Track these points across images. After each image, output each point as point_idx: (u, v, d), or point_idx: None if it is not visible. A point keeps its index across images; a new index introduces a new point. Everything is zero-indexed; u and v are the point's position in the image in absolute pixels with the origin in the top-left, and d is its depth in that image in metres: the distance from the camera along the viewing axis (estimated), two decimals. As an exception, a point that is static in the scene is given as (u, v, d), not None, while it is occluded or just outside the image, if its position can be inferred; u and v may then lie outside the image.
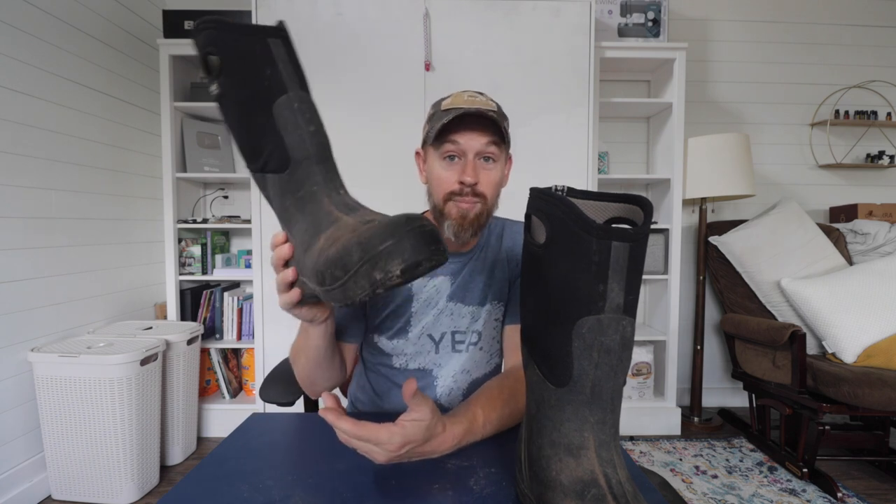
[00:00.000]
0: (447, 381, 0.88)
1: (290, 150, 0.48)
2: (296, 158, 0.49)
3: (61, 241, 1.71)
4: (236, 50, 0.46)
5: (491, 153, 0.79)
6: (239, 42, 0.46)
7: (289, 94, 0.48)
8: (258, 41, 0.46)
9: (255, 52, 0.46)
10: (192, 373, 1.93)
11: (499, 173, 0.82)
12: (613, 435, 0.47)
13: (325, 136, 0.51)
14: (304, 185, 0.49)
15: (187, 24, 2.11)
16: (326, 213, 0.48)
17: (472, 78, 1.96)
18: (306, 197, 0.49)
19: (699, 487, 1.73)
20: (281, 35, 0.48)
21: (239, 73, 0.47)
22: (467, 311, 0.88)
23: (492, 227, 0.93)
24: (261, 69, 0.46)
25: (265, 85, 0.47)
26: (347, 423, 0.54)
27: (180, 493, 0.55)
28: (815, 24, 2.52)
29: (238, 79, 0.47)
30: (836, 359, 1.83)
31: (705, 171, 2.17)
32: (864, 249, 2.16)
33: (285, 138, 0.48)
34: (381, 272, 0.42)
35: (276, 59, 0.47)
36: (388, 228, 0.42)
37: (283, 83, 0.47)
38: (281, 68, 0.47)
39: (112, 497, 1.58)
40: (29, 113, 1.59)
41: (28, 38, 1.58)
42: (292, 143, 0.48)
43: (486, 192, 0.80)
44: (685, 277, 2.53)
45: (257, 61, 0.46)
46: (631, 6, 2.21)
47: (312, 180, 0.49)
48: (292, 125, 0.48)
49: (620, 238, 0.41)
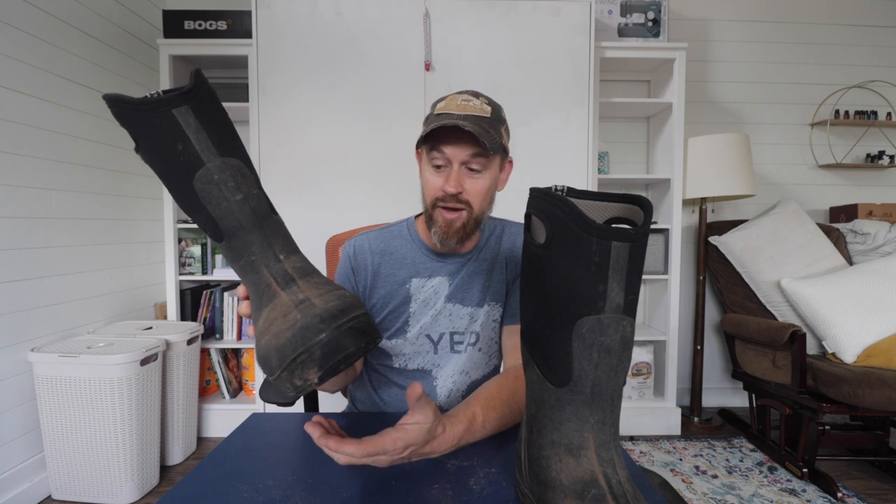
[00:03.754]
0: (446, 383, 0.89)
1: (219, 222, 0.46)
2: (227, 230, 0.46)
3: (61, 241, 1.71)
4: (141, 127, 0.43)
5: (476, 163, 0.79)
6: (141, 119, 0.43)
7: (206, 166, 0.44)
8: (161, 115, 0.42)
9: (161, 127, 0.43)
10: (192, 373, 1.93)
11: (486, 182, 0.81)
12: (613, 435, 0.47)
13: (258, 199, 0.48)
14: (242, 255, 0.48)
15: (187, 25, 2.11)
16: (266, 286, 0.47)
17: (472, 78, 1.96)
18: (246, 266, 0.48)
19: (699, 487, 1.73)
20: (189, 99, 0.43)
21: (150, 150, 0.44)
22: (465, 311, 0.88)
23: (490, 229, 0.93)
24: (171, 145, 0.43)
25: (179, 160, 0.44)
26: (351, 445, 0.53)
27: (180, 493, 0.55)
28: (815, 24, 2.52)
29: (153, 155, 0.45)
30: (836, 359, 1.83)
31: (705, 171, 2.17)
32: (864, 249, 2.16)
33: (211, 212, 0.46)
34: (300, 379, 0.43)
35: (184, 131, 0.43)
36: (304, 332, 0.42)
37: (198, 155, 0.44)
38: (192, 139, 0.43)
39: (112, 497, 1.58)
40: (29, 113, 1.59)
41: (28, 38, 1.58)
42: (219, 216, 0.46)
43: (471, 200, 0.80)
44: (685, 277, 2.53)
45: (165, 137, 0.43)
46: (631, 6, 2.21)
47: (249, 250, 0.47)
48: (216, 198, 0.45)
49: (620, 238, 0.41)
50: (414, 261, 0.89)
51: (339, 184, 1.93)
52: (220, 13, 2.12)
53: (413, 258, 0.89)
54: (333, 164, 1.95)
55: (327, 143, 1.94)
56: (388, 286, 0.88)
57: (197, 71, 0.44)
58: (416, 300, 0.88)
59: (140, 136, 0.44)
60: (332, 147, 1.94)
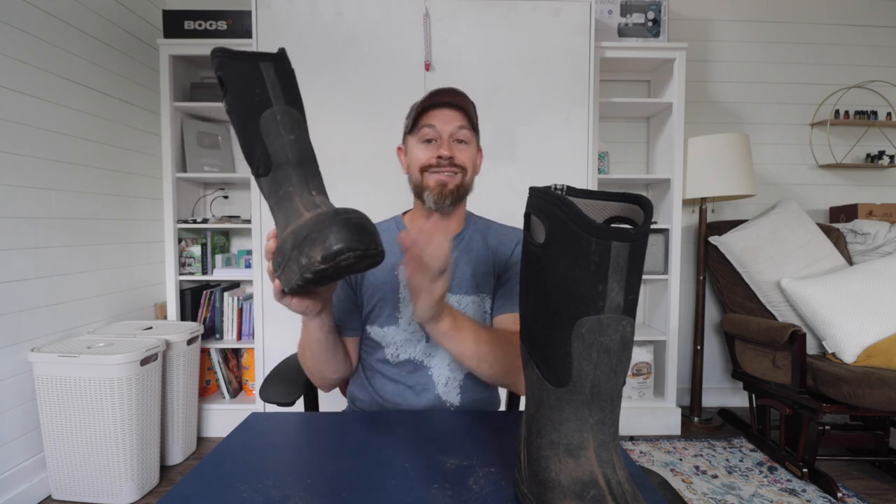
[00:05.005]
0: (443, 371, 0.90)
1: (271, 156, 0.56)
2: (276, 163, 0.57)
3: (61, 241, 1.71)
4: (235, 72, 0.56)
5: (463, 136, 0.89)
6: (236, 66, 0.56)
7: (273, 107, 0.56)
8: (251, 65, 0.56)
9: (248, 74, 0.56)
10: (192, 373, 1.93)
11: (472, 152, 0.92)
12: (613, 435, 0.47)
13: (305, 143, 0.59)
14: (282, 186, 0.57)
15: (187, 25, 2.11)
16: (295, 210, 0.55)
17: (472, 78, 1.96)
18: (283, 196, 0.56)
19: (699, 487, 1.73)
20: (274, 59, 0.57)
21: (236, 90, 0.57)
22: (454, 298, 0.90)
23: (475, 223, 0.99)
24: (251, 87, 0.56)
25: (254, 101, 0.56)
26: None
27: (180, 493, 0.55)
28: (815, 24, 2.52)
29: (236, 95, 0.57)
30: (836, 359, 1.83)
31: (705, 171, 2.17)
32: (864, 249, 2.16)
33: (268, 145, 0.56)
34: (306, 258, 0.49)
35: (264, 80, 0.56)
36: (318, 219, 0.50)
37: (270, 99, 0.56)
38: (269, 87, 0.56)
39: (112, 497, 1.58)
40: (29, 113, 1.59)
41: (28, 38, 1.58)
42: (273, 150, 0.56)
43: (464, 164, 0.90)
44: (685, 277, 2.53)
45: (249, 81, 0.56)
46: (631, 6, 2.21)
47: (289, 182, 0.57)
48: (274, 134, 0.56)
49: (620, 238, 0.41)
50: (401, 250, 0.93)
51: (339, 183, 1.93)
52: (220, 13, 2.12)
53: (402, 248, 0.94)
54: (333, 163, 1.94)
55: (327, 142, 1.94)
56: (377, 274, 0.91)
57: (283, 49, 0.59)
58: (405, 286, 0.91)
59: (230, 79, 0.56)
60: (331, 147, 1.94)
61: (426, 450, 0.66)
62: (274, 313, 2.01)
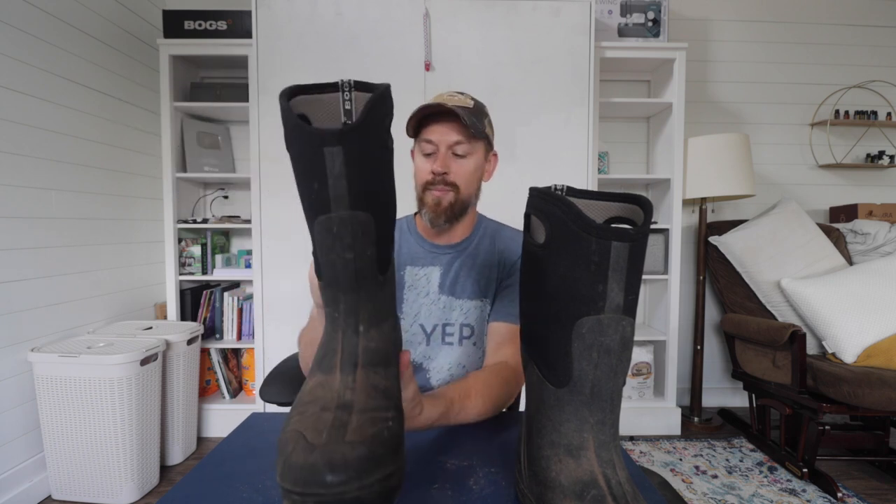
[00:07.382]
0: (442, 375, 0.90)
1: (322, 267, 0.44)
2: (326, 278, 0.44)
3: (61, 241, 1.71)
4: (294, 146, 0.41)
5: (461, 150, 0.86)
6: (294, 136, 0.40)
7: (331, 215, 0.41)
8: (313, 147, 0.39)
9: (308, 158, 0.40)
10: (192, 373, 1.93)
11: (471, 166, 0.88)
12: (613, 435, 0.46)
13: (369, 260, 0.43)
14: (329, 305, 0.45)
15: (187, 25, 2.11)
16: (332, 351, 0.44)
17: (472, 78, 1.96)
18: (328, 318, 0.46)
19: (699, 487, 1.73)
20: (346, 139, 0.38)
21: (294, 168, 0.43)
22: (458, 304, 0.90)
23: (485, 226, 0.97)
24: (309, 180, 0.41)
25: (311, 196, 0.41)
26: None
27: (180, 493, 0.55)
28: (815, 24, 2.52)
29: (294, 173, 0.43)
30: (836, 359, 1.83)
31: (705, 171, 2.17)
32: (864, 249, 2.16)
33: (319, 256, 0.44)
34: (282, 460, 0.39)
35: (325, 174, 0.39)
36: (310, 471, 0.36)
37: (328, 202, 0.40)
38: (329, 184, 0.40)
39: (112, 497, 1.58)
40: (29, 113, 1.59)
41: (28, 38, 1.58)
42: (325, 263, 0.44)
43: (457, 181, 0.87)
44: (685, 277, 2.53)
45: (307, 167, 0.41)
46: (631, 6, 2.21)
47: (337, 307, 0.44)
48: (328, 248, 0.42)
49: (620, 238, 0.41)
50: (410, 251, 0.94)
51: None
52: (220, 13, 2.12)
53: (409, 249, 0.94)
54: (333, 164, 1.95)
55: (327, 143, 1.94)
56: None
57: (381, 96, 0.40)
58: (409, 287, 0.91)
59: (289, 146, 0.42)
60: (332, 147, 1.94)
61: (426, 450, 0.66)
62: (274, 313, 2.01)
